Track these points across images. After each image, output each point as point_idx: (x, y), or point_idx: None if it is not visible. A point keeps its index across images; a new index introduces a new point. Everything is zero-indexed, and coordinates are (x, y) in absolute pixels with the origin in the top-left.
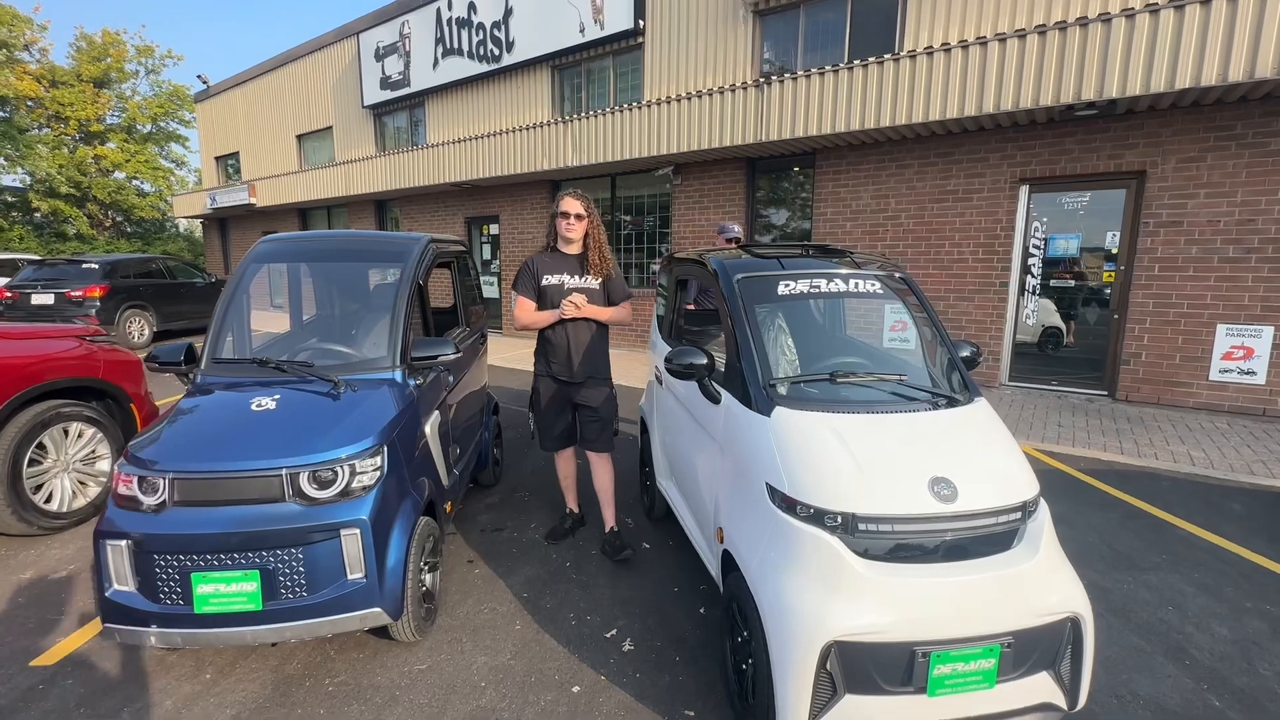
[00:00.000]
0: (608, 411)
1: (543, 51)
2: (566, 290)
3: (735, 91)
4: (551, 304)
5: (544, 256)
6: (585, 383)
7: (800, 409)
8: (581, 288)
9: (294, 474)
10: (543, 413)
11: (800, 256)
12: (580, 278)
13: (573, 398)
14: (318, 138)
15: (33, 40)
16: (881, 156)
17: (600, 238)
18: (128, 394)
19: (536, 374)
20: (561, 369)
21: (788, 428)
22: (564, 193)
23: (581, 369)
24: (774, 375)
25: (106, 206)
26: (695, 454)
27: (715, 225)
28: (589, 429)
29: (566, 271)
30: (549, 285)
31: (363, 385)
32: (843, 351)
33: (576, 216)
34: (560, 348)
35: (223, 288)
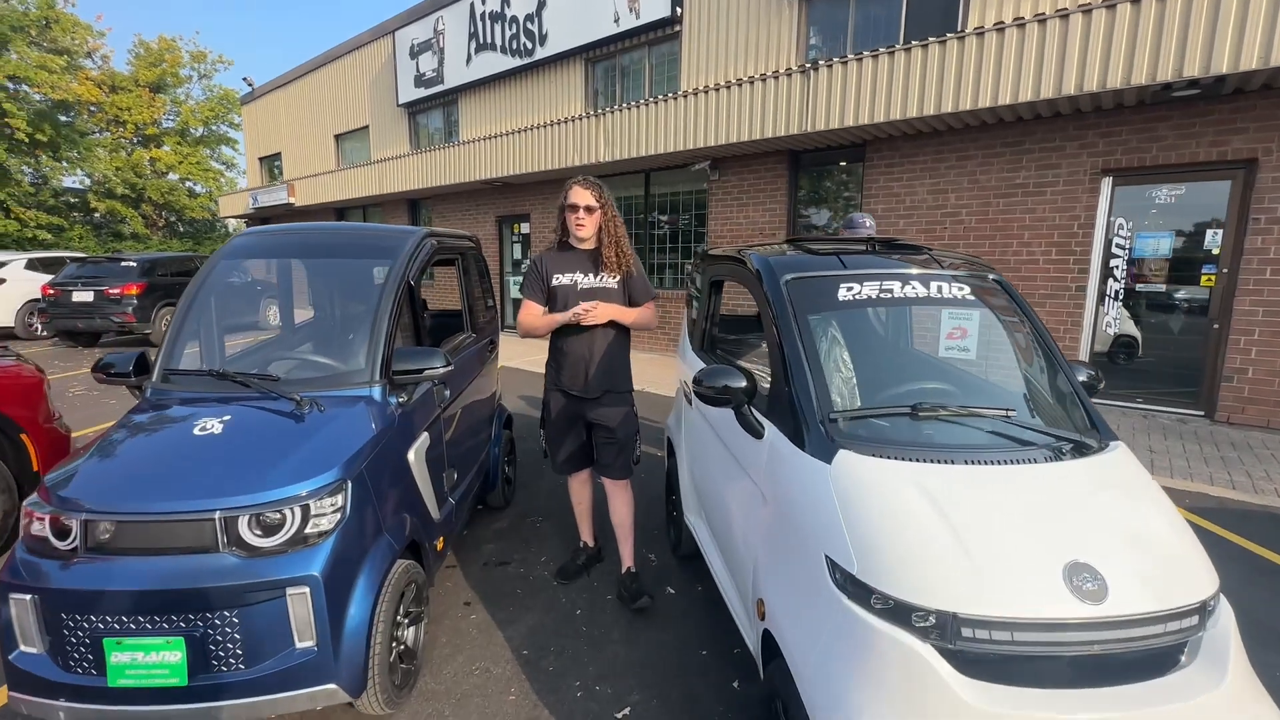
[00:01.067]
0: (626, 433)
1: (576, 44)
2: (579, 291)
3: (778, 79)
4: (563, 306)
5: (554, 253)
6: (600, 398)
7: (872, 455)
8: (596, 287)
9: (230, 518)
10: (553, 430)
11: (865, 254)
12: (595, 276)
13: (586, 415)
14: (355, 137)
15: (95, 48)
16: (940, 147)
17: (617, 230)
18: (15, 422)
19: (547, 386)
20: (573, 381)
21: (857, 481)
22: (572, 181)
23: (596, 381)
24: (835, 406)
25: (160, 207)
26: (729, 495)
27: (752, 222)
28: (604, 452)
29: (579, 269)
30: (560, 285)
31: (332, 404)
32: (919, 374)
33: (586, 209)
34: (572, 356)
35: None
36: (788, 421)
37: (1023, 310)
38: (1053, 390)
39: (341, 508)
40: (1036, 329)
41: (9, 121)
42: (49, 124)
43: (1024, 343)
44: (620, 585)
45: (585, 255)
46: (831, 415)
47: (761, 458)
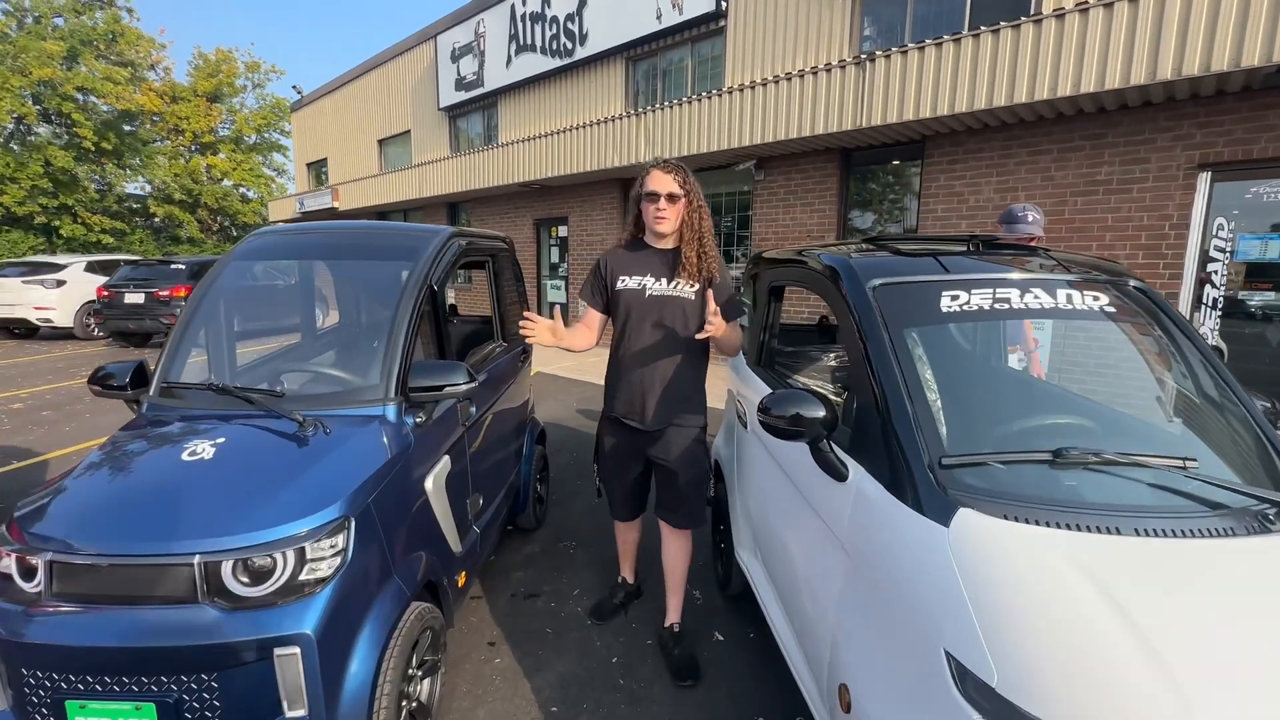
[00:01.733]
0: (694, 476)
1: (617, 42)
2: (648, 298)
3: (830, 71)
4: (628, 314)
5: (622, 252)
6: (663, 432)
7: (1006, 516)
8: (667, 295)
9: (212, 563)
10: (608, 467)
11: (966, 254)
12: (669, 282)
13: (645, 450)
14: (397, 142)
15: (157, 60)
16: (1008, 141)
17: (701, 226)
18: None
19: (603, 414)
20: (629, 409)
21: (989, 554)
22: (650, 164)
23: (658, 412)
24: (948, 447)
25: (214, 212)
26: (797, 542)
27: (800, 224)
28: (666, 494)
29: (650, 271)
30: (626, 290)
31: (341, 425)
32: (1045, 405)
33: (669, 198)
34: (628, 379)
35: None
36: (882, 463)
37: (1178, 325)
38: (1229, 429)
39: (343, 550)
40: (1200, 349)
41: (78, 131)
42: (114, 133)
43: (1181, 364)
44: (661, 642)
45: (661, 255)
46: (944, 459)
47: (844, 505)
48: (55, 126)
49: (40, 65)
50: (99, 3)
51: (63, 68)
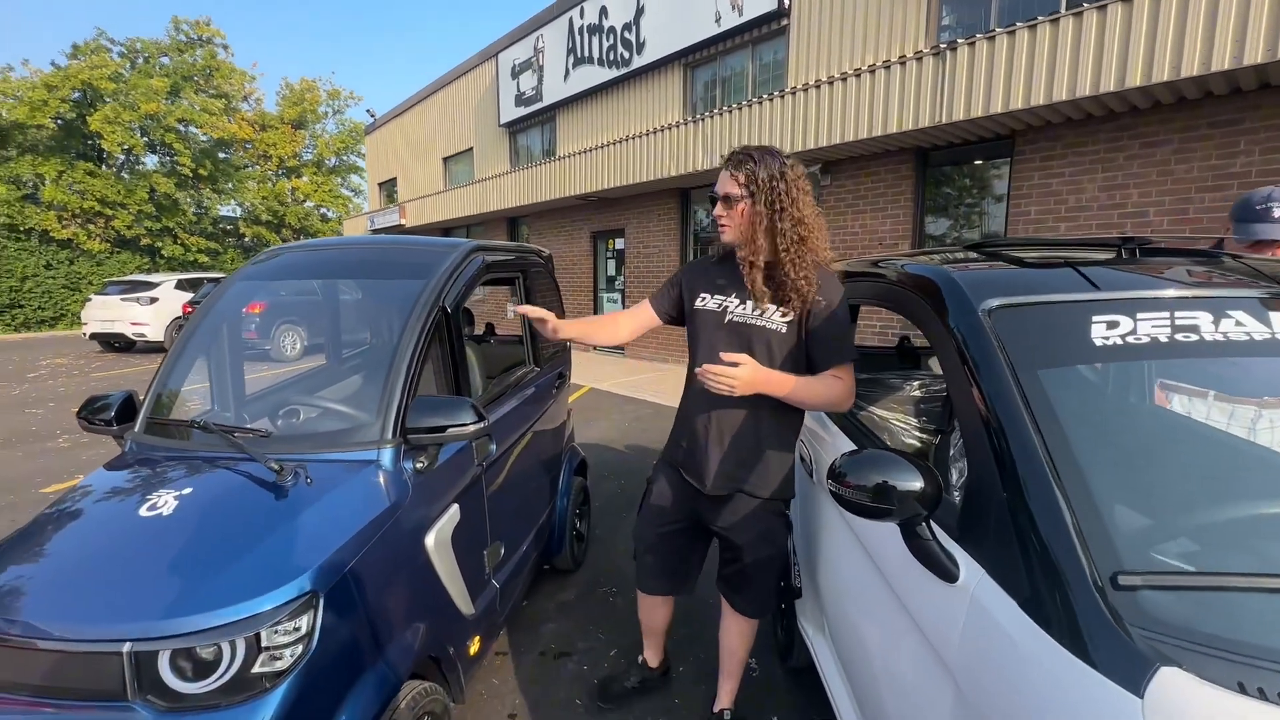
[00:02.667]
0: (764, 556)
1: (675, 49)
2: (729, 323)
3: (905, 65)
4: (697, 339)
5: (708, 264)
6: (728, 501)
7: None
8: (752, 324)
9: (145, 654)
10: (648, 521)
11: (1117, 262)
12: (755, 307)
13: (703, 516)
14: (461, 160)
15: (249, 91)
16: (1117, 132)
17: (792, 234)
18: None
19: (662, 457)
20: (690, 463)
21: None
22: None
23: (721, 473)
24: (1126, 556)
25: (297, 231)
26: (882, 645)
27: (870, 231)
28: (729, 569)
29: (737, 292)
30: (704, 310)
31: (327, 472)
32: (1262, 483)
33: (724, 200)
34: (694, 425)
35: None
36: (1012, 568)
37: None
38: None
39: (306, 635)
40: None
41: (178, 159)
42: (210, 160)
43: None
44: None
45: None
46: (1121, 575)
47: (952, 615)
48: (160, 156)
49: (147, 100)
50: (198, 41)
51: (166, 102)
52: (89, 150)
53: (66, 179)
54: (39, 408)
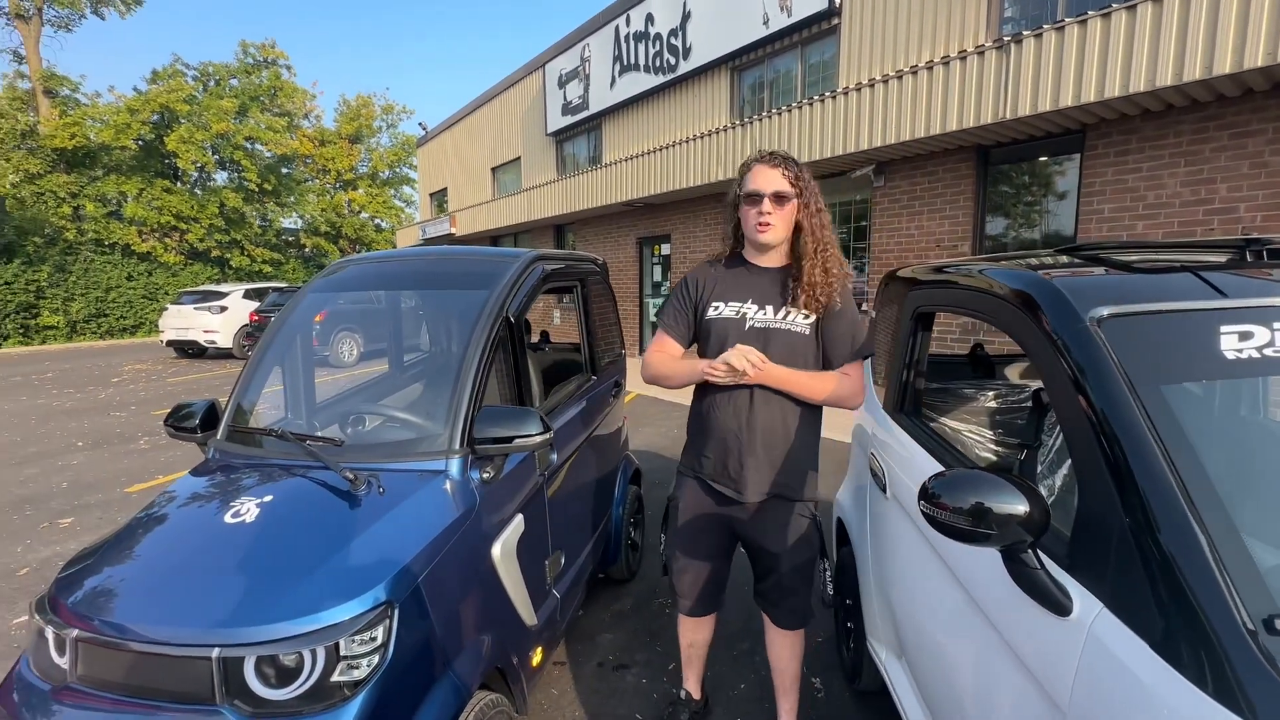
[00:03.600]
0: (803, 563)
1: (722, 53)
2: (749, 330)
3: (966, 60)
4: (722, 350)
5: (717, 269)
6: (763, 506)
7: None
8: (775, 328)
9: (232, 659)
10: (681, 541)
11: (1235, 266)
12: (777, 310)
13: (735, 526)
14: (509, 169)
15: (310, 109)
16: (1202, 122)
17: (824, 235)
18: None
19: (680, 469)
20: (720, 472)
21: None
22: (752, 159)
23: (758, 479)
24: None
25: (353, 241)
26: (974, 678)
27: (927, 233)
28: (765, 583)
29: (754, 296)
30: (718, 319)
31: (398, 482)
32: None
33: (776, 198)
34: (721, 431)
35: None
36: (1141, 605)
37: None
38: None
39: (382, 645)
40: None
41: (245, 175)
42: (274, 175)
43: None
44: None
45: (767, 276)
46: (1277, 620)
47: (1064, 651)
48: (228, 172)
49: (218, 120)
50: (264, 63)
51: (235, 121)
52: (165, 169)
53: (146, 196)
54: (122, 411)
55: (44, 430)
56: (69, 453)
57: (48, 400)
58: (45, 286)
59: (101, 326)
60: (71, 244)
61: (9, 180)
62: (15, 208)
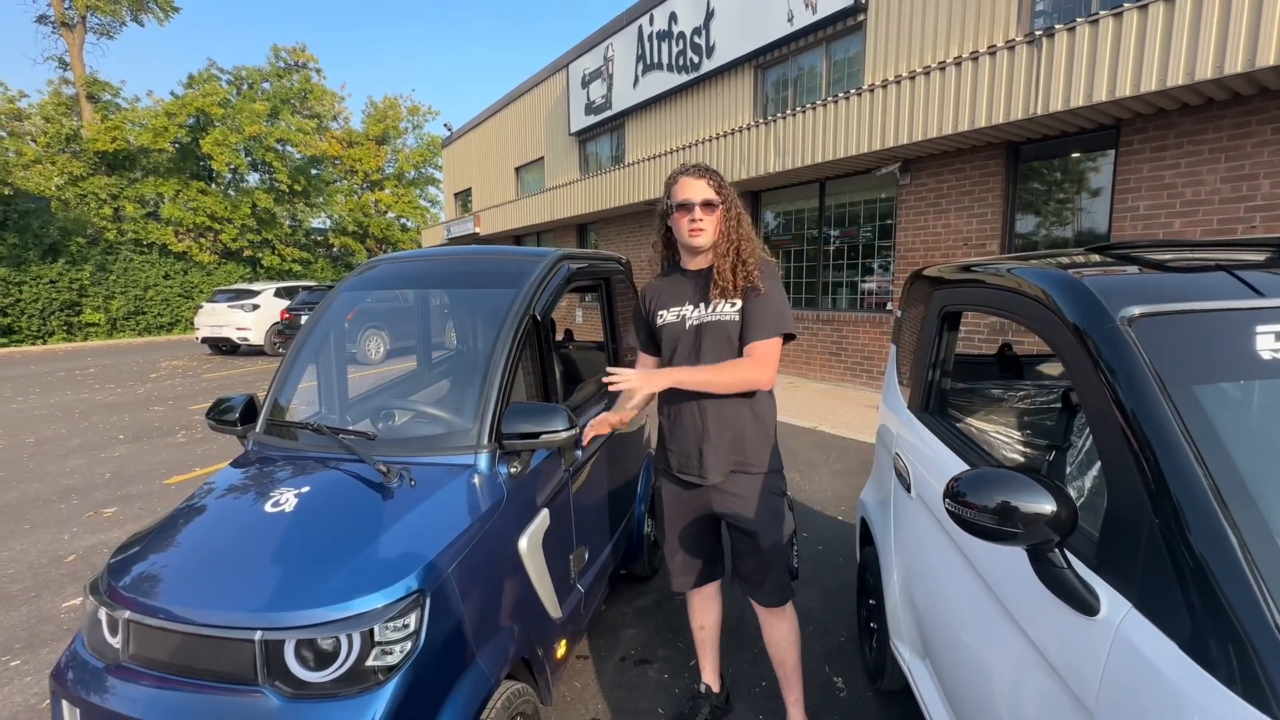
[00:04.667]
0: (773, 536)
1: (745, 51)
2: (690, 328)
3: (996, 55)
4: (673, 352)
5: (657, 281)
6: (727, 483)
7: None
8: (710, 321)
9: (274, 641)
10: (665, 527)
11: (1273, 265)
12: (708, 306)
13: (712, 507)
14: (532, 169)
15: (339, 111)
16: (1243, 116)
17: (739, 233)
18: None
19: (654, 468)
20: (685, 462)
21: None
22: (675, 173)
23: (716, 459)
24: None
25: (380, 241)
26: (1000, 679)
27: (954, 231)
28: (745, 564)
29: (689, 299)
30: (666, 325)
31: (428, 475)
32: None
33: (705, 206)
34: (681, 426)
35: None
36: (1171, 607)
37: None
38: None
39: (414, 632)
40: None
41: (276, 176)
42: (304, 177)
43: None
44: None
45: (695, 278)
46: None
47: (1091, 651)
48: (260, 174)
49: (251, 123)
50: (295, 66)
51: (266, 123)
52: (201, 170)
53: (182, 197)
54: (160, 405)
55: (87, 424)
56: (111, 445)
57: (90, 395)
58: (87, 285)
59: (140, 324)
60: (112, 244)
61: (55, 183)
62: (60, 209)
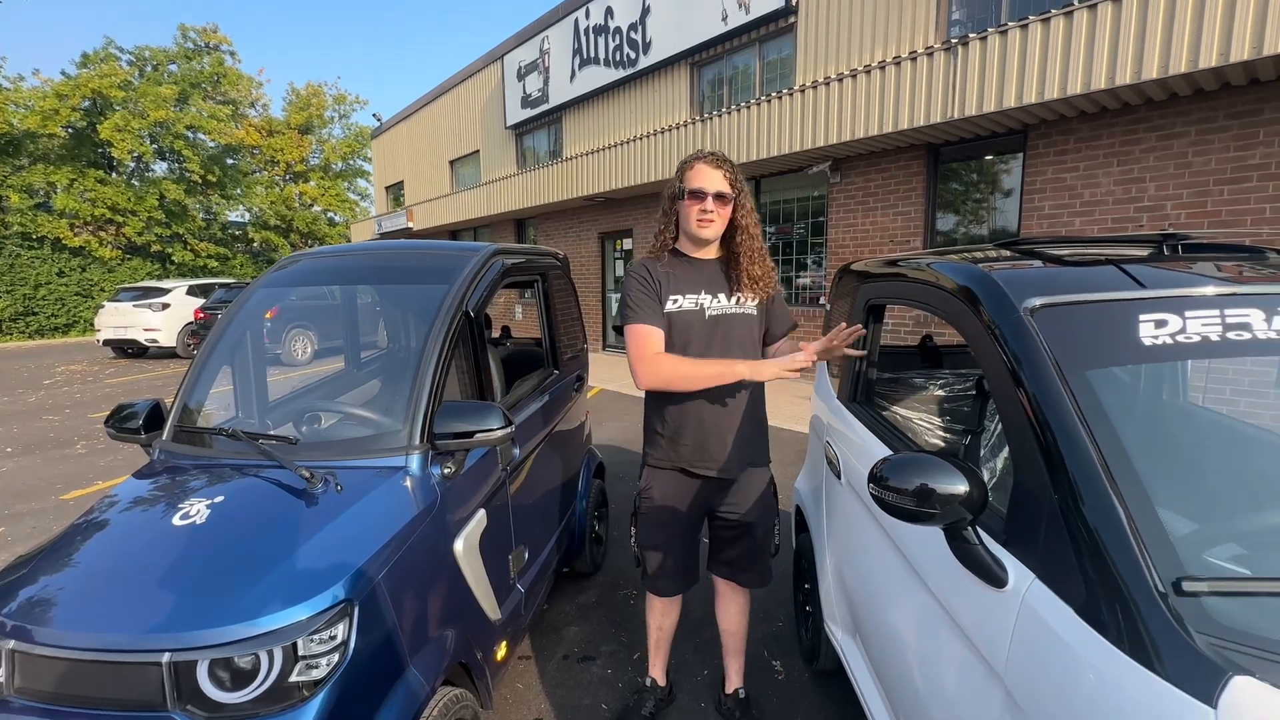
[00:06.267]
0: (768, 527)
1: (681, 48)
2: (709, 319)
3: (915, 60)
4: (687, 341)
5: (661, 264)
6: (738, 479)
7: None
8: (731, 313)
9: (184, 663)
10: (654, 528)
11: (1154, 260)
12: (730, 297)
13: (713, 503)
14: (467, 162)
15: (257, 98)
16: (1133, 125)
17: (757, 232)
18: None
19: (650, 464)
20: (701, 455)
21: None
22: (692, 157)
23: (734, 456)
24: (1188, 560)
25: (305, 236)
26: (922, 652)
27: (881, 228)
28: (733, 550)
29: (704, 287)
30: (680, 311)
31: (356, 479)
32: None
33: (718, 198)
34: (700, 420)
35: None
36: (1067, 574)
37: None
38: None
39: (342, 644)
40: None
41: (187, 166)
42: (218, 166)
43: None
44: (725, 713)
45: (708, 267)
46: (1184, 581)
47: (1001, 621)
48: (169, 163)
49: (156, 108)
50: (205, 48)
51: (174, 109)
52: (99, 158)
53: (78, 187)
54: (55, 414)
55: None
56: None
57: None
58: None
59: (30, 325)
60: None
61: None
62: None
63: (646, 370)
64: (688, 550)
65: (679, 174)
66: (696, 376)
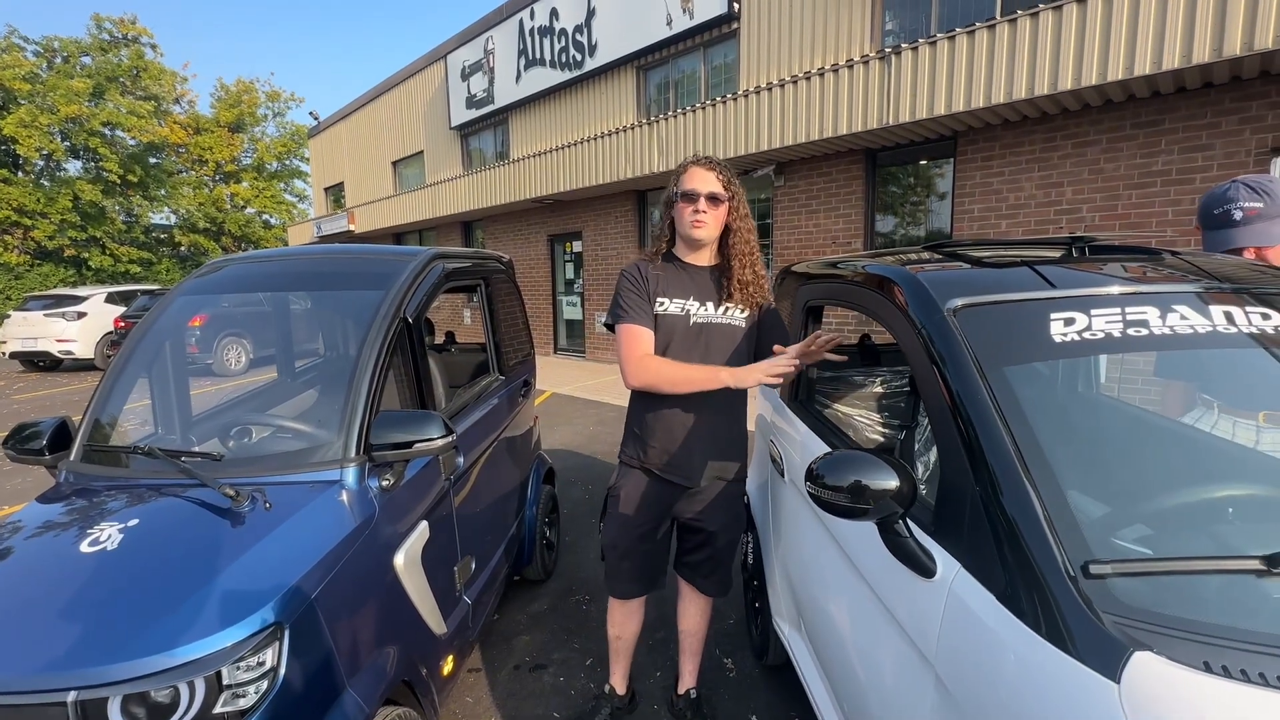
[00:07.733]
0: (734, 537)
1: (626, 52)
2: (693, 325)
3: (853, 68)
4: (668, 345)
5: (654, 266)
6: (706, 489)
7: (1212, 669)
8: (717, 323)
9: (92, 702)
10: (621, 530)
11: (1064, 261)
12: (716, 306)
13: (678, 509)
14: (411, 163)
15: (182, 93)
16: (1051, 133)
17: (751, 238)
18: None
19: (623, 460)
20: (670, 461)
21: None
22: (688, 161)
23: (706, 466)
24: (1095, 544)
25: (238, 239)
26: (860, 642)
27: (824, 230)
28: (697, 556)
29: (693, 293)
30: (666, 315)
31: (287, 495)
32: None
33: (711, 199)
34: (676, 426)
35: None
36: (987, 561)
37: None
38: None
39: (271, 670)
40: None
41: (104, 165)
42: (140, 166)
43: None
44: (677, 714)
45: (703, 274)
46: (1091, 564)
47: (931, 610)
48: (83, 161)
49: (67, 103)
50: (123, 40)
51: (89, 104)
52: (3, 156)
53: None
54: None
55: None
56: None
57: None
58: None
59: None
60: None
61: None
62: None
63: (634, 370)
64: (650, 554)
65: (674, 179)
66: (680, 380)
